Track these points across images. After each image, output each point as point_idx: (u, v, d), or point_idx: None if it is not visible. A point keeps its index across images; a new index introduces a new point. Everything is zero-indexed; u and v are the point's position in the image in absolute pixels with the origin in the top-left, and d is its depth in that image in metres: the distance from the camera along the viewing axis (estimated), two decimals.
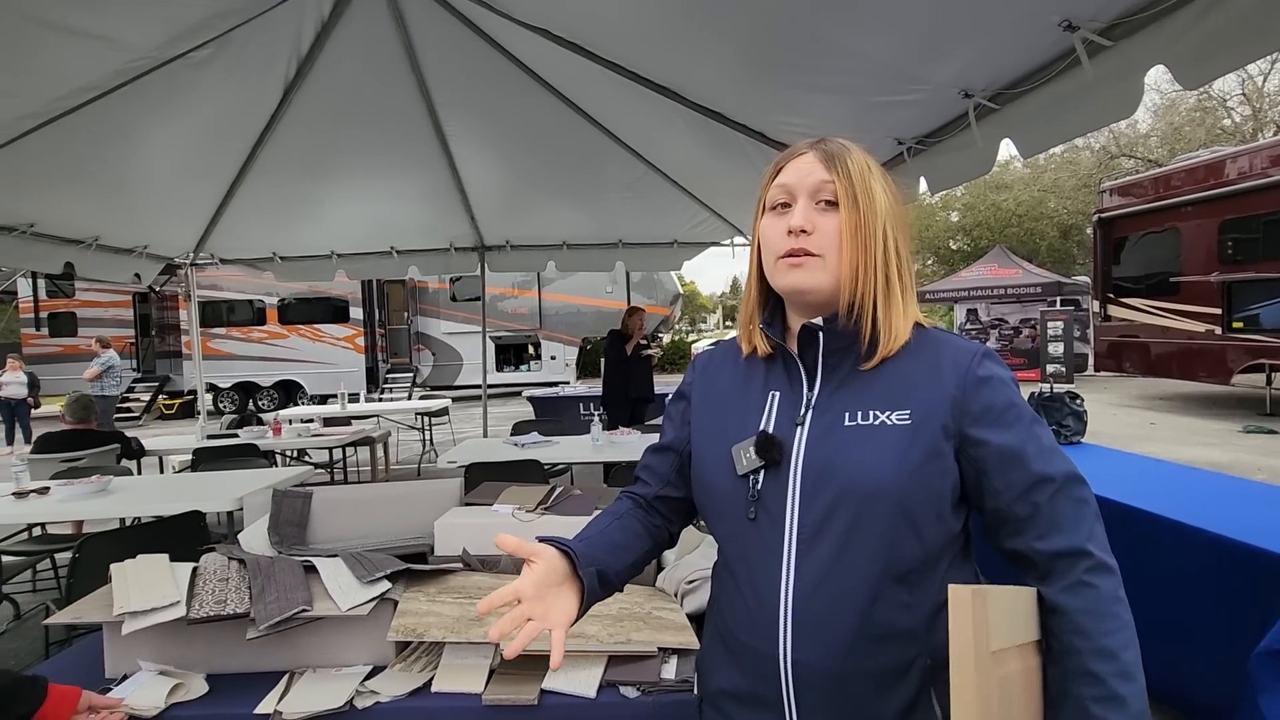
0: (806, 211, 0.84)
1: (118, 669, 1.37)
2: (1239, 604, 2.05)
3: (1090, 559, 0.76)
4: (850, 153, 0.86)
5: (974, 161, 2.53)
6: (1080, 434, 3.63)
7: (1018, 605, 0.76)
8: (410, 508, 1.87)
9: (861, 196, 0.84)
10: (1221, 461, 6.24)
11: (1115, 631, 0.74)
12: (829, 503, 0.80)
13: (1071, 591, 0.76)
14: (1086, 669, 0.73)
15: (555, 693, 1.28)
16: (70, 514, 3.03)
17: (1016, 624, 0.75)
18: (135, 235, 4.95)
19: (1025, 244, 21.22)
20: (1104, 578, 0.76)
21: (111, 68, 2.88)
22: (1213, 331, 9.06)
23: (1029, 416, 0.82)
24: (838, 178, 0.84)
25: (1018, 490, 0.79)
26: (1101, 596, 0.75)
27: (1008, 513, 0.80)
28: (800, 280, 0.84)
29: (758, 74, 2.88)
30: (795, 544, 0.81)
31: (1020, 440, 0.80)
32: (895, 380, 0.83)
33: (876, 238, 0.84)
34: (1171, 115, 19.73)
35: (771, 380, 0.91)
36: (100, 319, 14.76)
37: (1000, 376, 0.83)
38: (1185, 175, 9.58)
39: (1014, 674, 0.73)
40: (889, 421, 0.81)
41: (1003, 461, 0.80)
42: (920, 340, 0.86)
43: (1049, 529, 0.78)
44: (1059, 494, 0.79)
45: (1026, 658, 0.76)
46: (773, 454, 0.84)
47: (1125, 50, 1.80)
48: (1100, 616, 0.75)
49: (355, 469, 7.07)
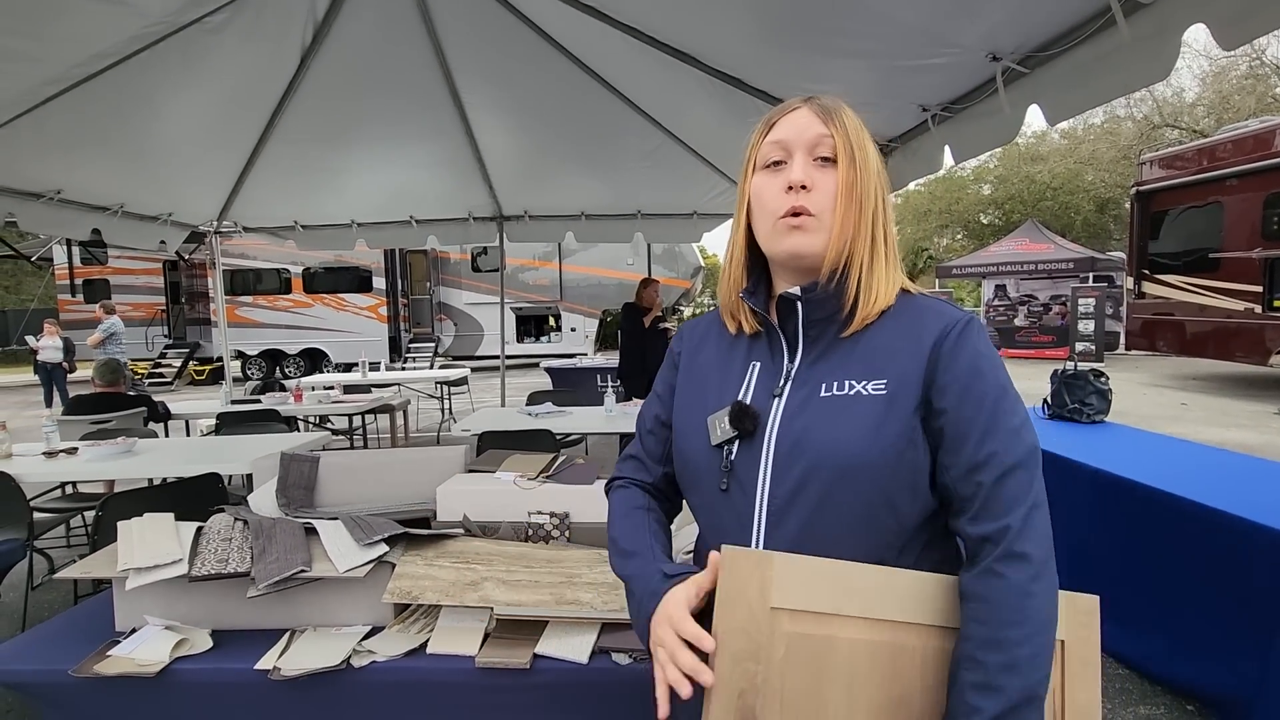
0: (806, 167, 0.81)
1: (127, 623, 1.42)
2: (1259, 587, 1.99)
3: (1006, 547, 0.72)
4: (844, 109, 0.84)
5: (1000, 129, 2.43)
6: (1104, 412, 3.54)
7: (855, 578, 0.75)
8: (416, 474, 1.89)
9: (858, 153, 0.81)
10: (1252, 444, 6.06)
11: (1013, 624, 0.70)
12: (800, 476, 0.78)
13: (979, 578, 0.73)
14: (973, 656, 0.71)
15: (547, 657, 1.29)
16: (96, 474, 3.13)
17: (849, 595, 0.75)
18: (159, 202, 5.01)
19: (1059, 218, 20.60)
20: (1016, 568, 0.71)
21: (128, 33, 2.89)
22: (1252, 310, 8.73)
23: (996, 394, 0.77)
24: (835, 132, 0.81)
25: (963, 468, 0.76)
26: (1007, 587, 0.71)
27: (953, 490, 0.77)
28: (800, 244, 0.81)
29: (778, 38, 2.78)
30: (765, 516, 0.80)
31: (977, 416, 0.76)
32: (875, 349, 0.81)
33: (870, 197, 0.81)
34: (1220, 83, 18.83)
35: (754, 351, 0.88)
36: (132, 285, 15.10)
37: (975, 348, 0.79)
38: (1232, 147, 9.16)
39: (836, 639, 0.74)
40: (865, 392, 0.78)
41: (955, 436, 0.76)
42: (905, 307, 0.82)
43: (981, 512, 0.74)
44: (1004, 478, 0.74)
45: (886, 632, 0.75)
46: (745, 425, 0.82)
47: (1162, 8, 1.70)
48: (1000, 607, 0.71)
49: (375, 436, 7.19)
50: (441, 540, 1.54)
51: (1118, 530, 2.57)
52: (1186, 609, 2.27)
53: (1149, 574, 2.42)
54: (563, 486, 1.73)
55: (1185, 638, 2.28)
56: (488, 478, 1.80)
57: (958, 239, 24.75)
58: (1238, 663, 2.06)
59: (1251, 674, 2.00)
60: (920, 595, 0.76)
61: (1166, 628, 2.34)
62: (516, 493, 1.70)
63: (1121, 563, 2.55)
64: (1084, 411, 3.50)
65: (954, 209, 23.50)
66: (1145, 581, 2.44)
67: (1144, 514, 2.45)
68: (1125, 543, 2.54)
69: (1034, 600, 0.71)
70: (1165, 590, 2.36)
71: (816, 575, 0.75)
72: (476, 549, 1.52)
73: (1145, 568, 2.45)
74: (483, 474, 1.84)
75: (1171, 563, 2.33)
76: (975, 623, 0.72)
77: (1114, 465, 2.66)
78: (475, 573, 1.40)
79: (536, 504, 1.68)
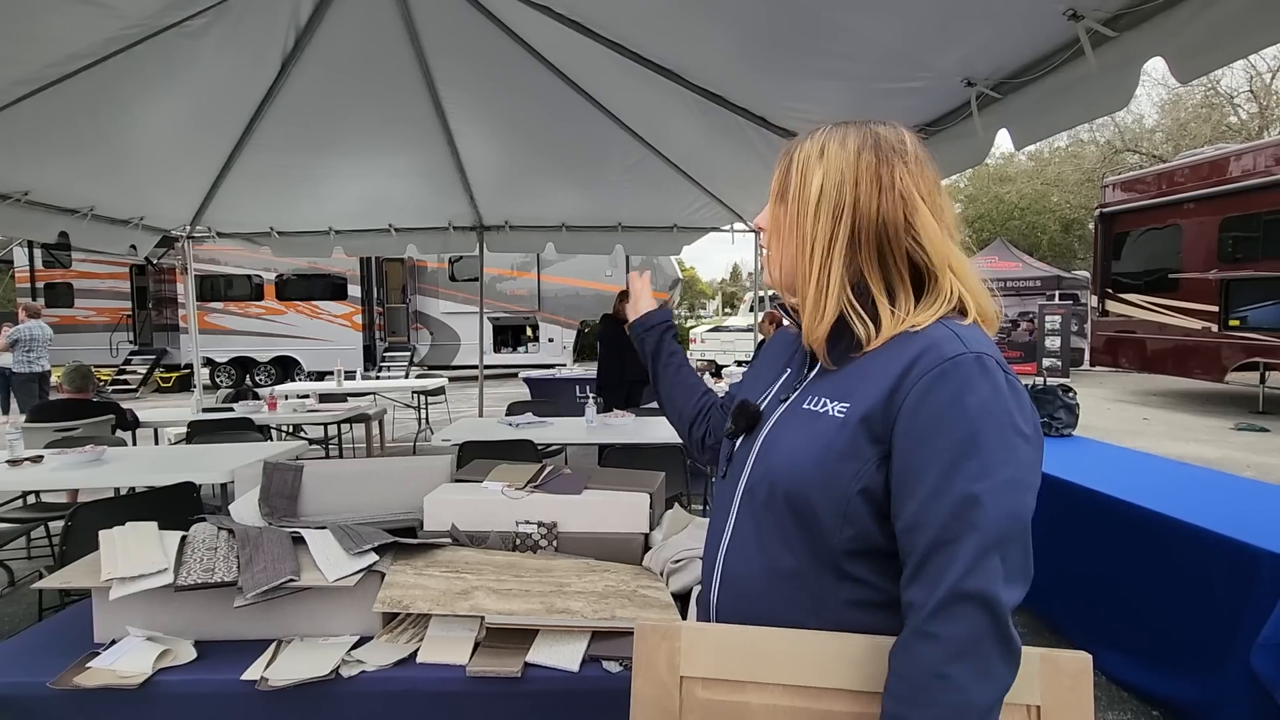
0: (769, 206, 0.88)
1: (107, 634, 1.39)
2: (1219, 597, 2.07)
3: (923, 623, 0.67)
4: (808, 140, 0.84)
5: (971, 151, 2.53)
6: (1071, 427, 3.66)
7: (772, 645, 0.75)
8: (401, 483, 1.88)
9: (795, 188, 0.83)
10: (1211, 458, 6.28)
11: (921, 705, 0.66)
12: (759, 476, 0.84)
13: (900, 646, 0.70)
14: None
15: (539, 666, 1.30)
16: (63, 483, 3.04)
17: (765, 662, 0.75)
18: (131, 206, 4.92)
19: (1026, 237, 21.14)
20: (929, 647, 0.67)
21: (104, 35, 2.85)
22: (1209, 329, 9.07)
23: (957, 451, 0.69)
24: (777, 171, 0.87)
25: (904, 522, 0.71)
26: (918, 666, 0.67)
27: (900, 542, 0.73)
28: (766, 277, 0.91)
29: (760, 57, 2.85)
30: (738, 507, 0.85)
31: (927, 470, 0.70)
32: (863, 372, 0.79)
33: (805, 229, 0.82)
34: (1177, 110, 19.60)
35: (794, 360, 0.94)
36: (97, 290, 14.69)
37: (957, 392, 0.70)
38: (1189, 172, 9.54)
39: (750, 706, 0.75)
40: (831, 412, 0.79)
41: (901, 487, 0.72)
42: (912, 336, 0.76)
43: (914, 574, 0.70)
44: (940, 546, 0.68)
45: (808, 699, 0.74)
46: (741, 422, 0.89)
47: (1126, 42, 1.80)
48: (909, 684, 0.68)
49: (350, 446, 7.08)
50: (430, 549, 1.54)
51: (1085, 541, 2.65)
52: (1152, 617, 2.34)
53: (1116, 583, 2.50)
54: (550, 496, 1.74)
55: (1151, 645, 2.35)
56: (475, 487, 1.80)
57: None
58: (1200, 670, 2.13)
59: (1213, 681, 2.07)
60: (845, 659, 0.73)
61: (1133, 636, 2.42)
62: (504, 502, 1.71)
63: (1089, 572, 2.63)
64: (1053, 425, 3.60)
65: None
66: (1112, 590, 2.52)
67: (1110, 525, 2.53)
68: (1093, 553, 2.62)
69: (948, 684, 0.65)
70: (1131, 599, 2.43)
71: (727, 643, 0.77)
72: (466, 558, 1.52)
73: (1112, 577, 2.52)
74: (470, 483, 1.84)
75: (1137, 572, 2.42)
76: (888, 691, 0.70)
77: (1081, 478, 2.75)
78: (466, 582, 1.40)
79: (524, 514, 1.68)
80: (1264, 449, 6.82)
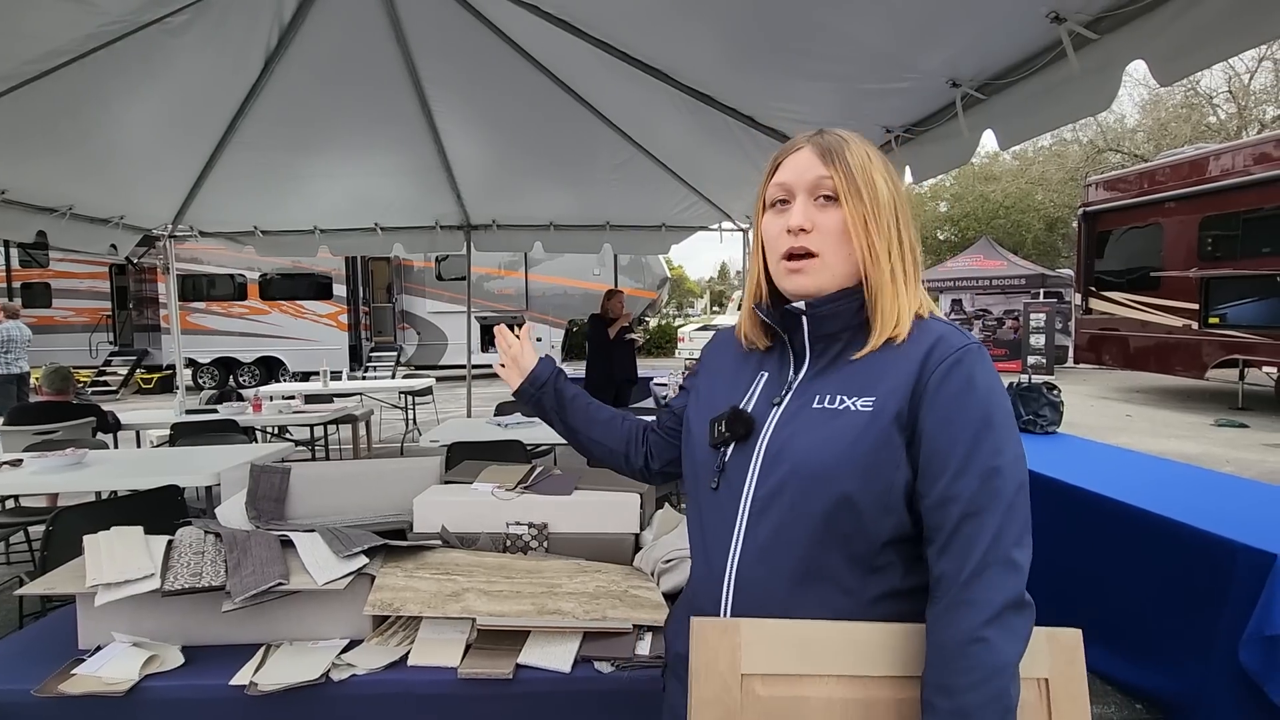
0: (805, 209, 0.84)
1: (91, 640, 1.37)
2: (1200, 590, 2.11)
3: (955, 592, 0.73)
4: (849, 145, 0.85)
5: (956, 151, 2.55)
6: (1056, 424, 3.69)
7: (822, 637, 0.76)
8: (390, 485, 1.87)
9: (865, 188, 0.83)
10: (1192, 453, 6.38)
11: (962, 670, 0.71)
12: (780, 479, 0.82)
13: (934, 619, 0.75)
14: (930, 700, 0.72)
15: (530, 667, 1.30)
16: (43, 487, 3.00)
17: (818, 654, 0.75)
18: (111, 205, 4.84)
19: (1011, 236, 21.37)
20: (965, 613, 0.72)
21: (84, 31, 2.80)
22: (1189, 326, 9.21)
23: (977, 428, 0.76)
24: (835, 172, 0.84)
25: (934, 500, 0.77)
26: (956, 632, 0.72)
27: (925, 519, 0.78)
28: (802, 285, 0.85)
29: (748, 57, 2.86)
30: (747, 516, 0.83)
31: (953, 449, 0.76)
32: (876, 368, 0.82)
33: (882, 230, 0.83)
34: (1158, 110, 19.88)
35: (765, 362, 0.93)
36: (76, 290, 14.47)
37: (968, 377, 0.78)
38: (1169, 171, 9.68)
39: (809, 699, 0.75)
40: (853, 407, 0.81)
41: (930, 467, 0.77)
42: (916, 330, 0.83)
43: (944, 547, 0.75)
44: (968, 518, 0.74)
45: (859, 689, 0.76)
46: (738, 429, 0.86)
47: (1108, 44, 1.82)
48: (947, 651, 0.72)
49: (337, 447, 7.03)
50: (420, 551, 1.54)
51: (1069, 537, 2.68)
52: (1135, 612, 2.38)
53: (1099, 578, 2.53)
54: (541, 497, 1.74)
55: (1134, 639, 2.38)
56: (465, 489, 1.79)
57: None
58: (1183, 662, 2.17)
59: (1196, 674, 2.10)
60: (885, 647, 0.76)
61: (1117, 630, 2.45)
62: (494, 503, 1.70)
63: (1073, 568, 2.66)
64: (1038, 423, 3.64)
65: None
66: (1096, 585, 2.55)
67: (1093, 521, 2.57)
68: (1076, 549, 2.65)
69: (985, 646, 0.71)
70: (1115, 593, 2.47)
71: (783, 637, 0.76)
72: (456, 560, 1.52)
73: (1096, 572, 2.56)
74: (460, 485, 1.83)
75: (1120, 567, 2.45)
76: (929, 666, 0.74)
77: (1067, 474, 2.78)
78: (456, 583, 1.40)
79: (514, 515, 1.68)
80: (1243, 444, 6.94)
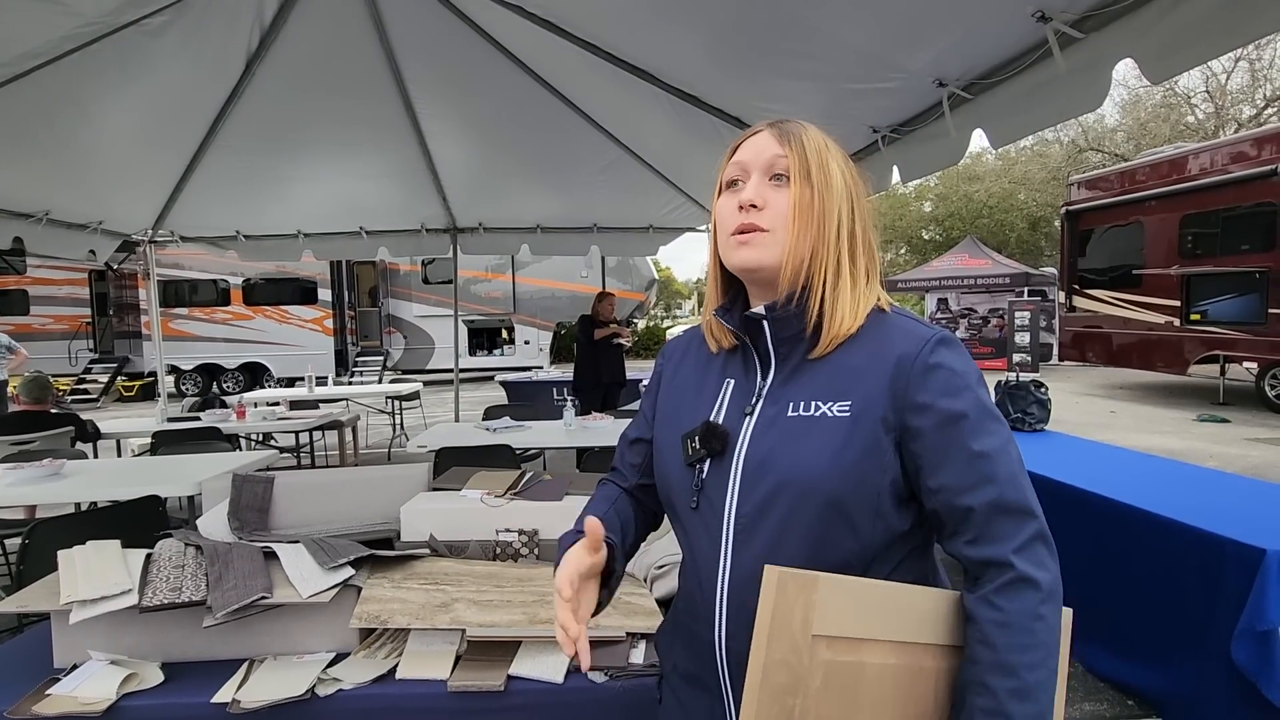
0: (759, 186, 0.83)
1: (67, 659, 1.33)
2: (1190, 586, 2.12)
3: (1012, 571, 0.72)
4: (807, 130, 0.85)
5: (946, 151, 2.55)
6: (1044, 421, 3.72)
7: (884, 599, 0.74)
8: (376, 493, 1.83)
9: (816, 172, 0.82)
10: (1176, 449, 6.45)
11: (1023, 649, 0.70)
12: (766, 494, 0.79)
13: (986, 602, 0.73)
14: (982, 680, 0.71)
15: (522, 678, 1.27)
16: (20, 498, 2.93)
17: (879, 617, 0.73)
18: (89, 210, 4.75)
19: (995, 235, 21.55)
20: (1023, 592, 0.72)
21: (59, 33, 2.75)
22: (1171, 323, 9.33)
23: (976, 414, 0.76)
24: (790, 152, 0.82)
25: (950, 492, 0.75)
26: (1016, 611, 0.71)
27: (942, 514, 0.77)
28: (748, 257, 0.82)
29: (734, 57, 2.85)
30: (733, 534, 0.80)
31: (957, 438, 0.75)
32: (842, 369, 0.80)
33: (830, 216, 0.82)
34: (1137, 111, 20.14)
35: (729, 369, 0.89)
36: (54, 297, 14.24)
37: (950, 365, 0.77)
38: (1149, 170, 9.80)
39: (866, 665, 0.72)
40: (830, 413, 0.78)
41: (936, 459, 0.76)
42: (876, 326, 0.82)
43: (980, 535, 0.74)
44: (999, 500, 0.74)
45: (908, 655, 0.74)
46: (713, 444, 0.83)
47: (1095, 43, 1.82)
48: (1009, 630, 0.71)
49: (323, 453, 6.95)
50: (408, 561, 1.50)
51: (1061, 533, 2.68)
52: (1126, 609, 2.39)
53: (1090, 576, 2.54)
54: (531, 503, 1.71)
55: (1126, 636, 2.39)
56: (453, 496, 1.76)
57: (901, 254, 25.61)
58: (1175, 659, 2.18)
59: (1188, 670, 2.11)
60: (937, 615, 0.75)
61: (1109, 627, 2.46)
62: (484, 510, 1.67)
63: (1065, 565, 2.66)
64: (1026, 420, 3.66)
65: (897, 225, 24.32)
66: (1086, 583, 2.56)
67: (1083, 519, 2.58)
68: (1068, 545, 2.65)
69: (1045, 625, 0.71)
70: (1105, 591, 2.48)
71: (852, 597, 0.72)
72: (445, 569, 1.49)
73: (1086, 571, 2.56)
74: (448, 492, 1.80)
75: (1110, 565, 2.46)
76: (983, 646, 0.72)
77: (1055, 472, 2.79)
78: (445, 594, 1.37)
79: (504, 521, 1.65)
80: (1225, 439, 7.03)
